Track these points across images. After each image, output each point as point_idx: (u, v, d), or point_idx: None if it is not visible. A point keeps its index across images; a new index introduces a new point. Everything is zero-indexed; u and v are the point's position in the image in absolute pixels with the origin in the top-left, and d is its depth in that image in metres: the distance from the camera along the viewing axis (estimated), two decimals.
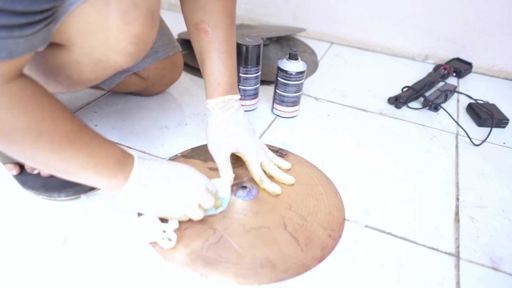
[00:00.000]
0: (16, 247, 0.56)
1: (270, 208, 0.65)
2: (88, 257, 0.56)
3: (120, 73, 0.81)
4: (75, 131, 0.50)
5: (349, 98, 1.03)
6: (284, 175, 0.70)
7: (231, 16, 0.67)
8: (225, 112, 0.68)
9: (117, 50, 0.53)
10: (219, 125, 0.69)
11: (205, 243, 0.58)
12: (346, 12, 1.32)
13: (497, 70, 1.24)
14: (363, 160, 0.80)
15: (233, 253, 0.57)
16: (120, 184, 0.54)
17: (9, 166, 0.67)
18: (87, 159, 0.51)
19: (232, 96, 0.68)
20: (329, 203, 0.68)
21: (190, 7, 0.67)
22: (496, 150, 0.87)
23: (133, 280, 0.53)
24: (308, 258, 0.58)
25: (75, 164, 0.50)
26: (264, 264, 0.56)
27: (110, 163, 0.53)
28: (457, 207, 0.70)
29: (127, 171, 0.54)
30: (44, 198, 0.64)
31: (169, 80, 0.92)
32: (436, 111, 1.00)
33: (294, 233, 0.61)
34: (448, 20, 1.22)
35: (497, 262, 0.60)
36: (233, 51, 0.69)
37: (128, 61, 0.55)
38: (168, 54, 0.85)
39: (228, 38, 0.67)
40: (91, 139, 0.52)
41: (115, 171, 0.53)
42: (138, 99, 0.94)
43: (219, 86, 0.68)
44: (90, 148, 0.51)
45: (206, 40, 0.67)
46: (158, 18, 0.55)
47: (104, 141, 0.54)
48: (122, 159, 0.54)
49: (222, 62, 0.67)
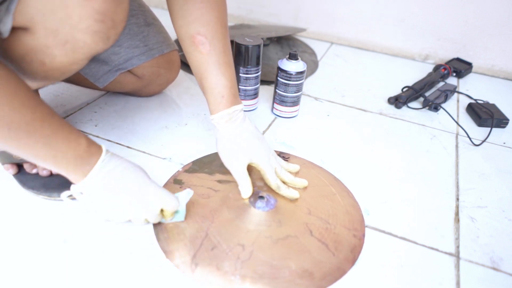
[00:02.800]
0: (16, 247, 0.56)
1: (291, 215, 0.64)
2: (88, 257, 0.56)
3: (114, 70, 0.80)
4: (37, 120, 0.49)
5: (349, 98, 1.03)
6: (296, 179, 0.70)
7: (225, 26, 0.67)
8: (231, 124, 0.67)
9: (82, 29, 0.51)
10: (228, 139, 0.67)
11: (237, 262, 0.56)
12: (346, 12, 1.32)
13: (497, 70, 1.24)
14: (363, 160, 0.80)
15: (267, 267, 0.55)
16: (78, 179, 0.53)
17: (6, 166, 0.67)
18: (45, 151, 0.50)
19: (236, 106, 0.67)
20: (344, 202, 0.68)
21: (182, 20, 0.65)
22: (496, 150, 0.87)
23: (133, 281, 0.53)
24: (342, 262, 0.57)
25: (32, 153, 0.50)
26: (301, 274, 0.55)
27: (70, 157, 0.52)
28: (457, 207, 0.70)
29: (87, 167, 0.53)
30: (44, 198, 0.64)
31: (166, 79, 0.91)
32: (436, 111, 1.00)
33: (321, 238, 0.61)
34: (448, 20, 1.22)
35: (497, 262, 0.60)
36: (231, 60, 0.68)
37: (97, 41, 0.53)
38: (163, 51, 0.85)
39: (226, 48, 0.66)
40: (54, 131, 0.51)
41: (74, 166, 0.53)
42: (138, 99, 0.94)
43: (223, 98, 0.66)
44: (49, 139, 0.51)
45: (204, 52, 0.65)
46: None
47: (70, 134, 0.53)
48: (84, 154, 0.53)
49: (222, 74, 0.66)
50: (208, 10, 0.64)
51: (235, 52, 0.86)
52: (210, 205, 0.64)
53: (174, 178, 0.70)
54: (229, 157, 0.68)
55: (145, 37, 0.81)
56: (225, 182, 0.69)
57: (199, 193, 0.67)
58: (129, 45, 0.79)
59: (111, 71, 0.80)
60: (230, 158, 0.67)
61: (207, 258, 0.56)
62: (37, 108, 0.50)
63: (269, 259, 0.57)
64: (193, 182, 0.69)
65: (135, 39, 0.80)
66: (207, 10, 0.64)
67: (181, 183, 0.69)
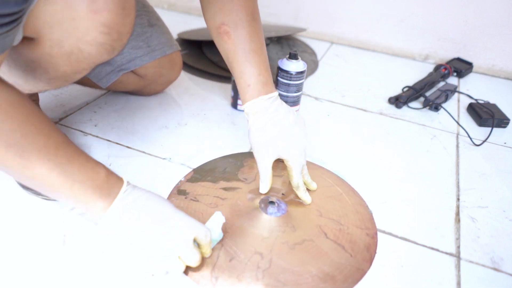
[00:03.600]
0: (16, 247, 0.56)
1: (303, 219, 0.63)
2: (88, 257, 0.56)
3: (117, 71, 0.80)
4: (50, 147, 0.47)
5: (349, 98, 1.03)
6: (311, 182, 0.69)
7: (252, 12, 0.64)
8: (262, 115, 0.63)
9: (87, 41, 0.50)
10: (258, 130, 0.64)
11: (258, 271, 0.54)
12: (346, 12, 1.32)
13: (498, 70, 1.24)
14: (363, 160, 0.80)
15: (290, 274, 0.54)
16: (99, 212, 0.49)
17: None
18: (60, 180, 0.47)
19: (265, 96, 0.63)
20: (352, 201, 0.68)
21: (209, 12, 0.65)
22: (497, 150, 0.87)
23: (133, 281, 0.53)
24: (360, 262, 0.57)
25: (47, 184, 0.47)
26: (323, 278, 0.54)
27: (88, 187, 0.48)
28: (458, 207, 0.70)
29: (108, 199, 0.49)
30: (44, 198, 0.64)
31: (167, 79, 0.92)
32: (436, 111, 0.99)
33: (337, 239, 0.60)
34: (449, 20, 1.22)
35: (497, 262, 0.60)
36: (259, 48, 0.65)
37: (102, 53, 0.53)
38: (165, 52, 0.85)
39: (252, 35, 0.64)
40: (69, 159, 0.48)
41: (93, 197, 0.49)
42: (138, 98, 0.94)
43: (249, 87, 0.63)
44: (65, 168, 0.47)
45: (229, 42, 0.64)
46: (131, 7, 0.53)
47: (87, 162, 0.50)
48: (105, 184, 0.49)
49: (248, 61, 0.63)
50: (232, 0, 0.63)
51: None
52: None
53: (178, 189, 0.68)
54: (258, 151, 0.64)
55: (148, 38, 0.81)
56: (231, 190, 0.68)
57: (206, 202, 0.65)
58: (132, 46, 0.79)
59: (114, 72, 0.80)
60: (259, 151, 0.64)
61: (226, 270, 0.54)
62: (52, 134, 0.48)
63: (290, 265, 0.55)
64: (197, 191, 0.67)
65: (138, 40, 0.80)
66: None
67: (185, 194, 0.66)
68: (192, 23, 1.42)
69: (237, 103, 0.92)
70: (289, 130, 0.64)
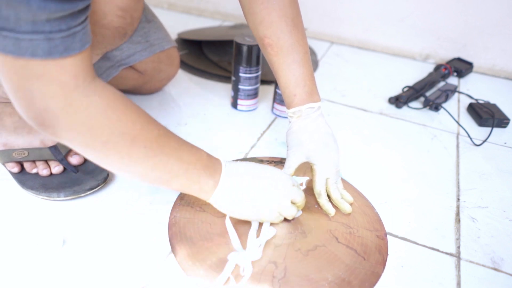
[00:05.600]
0: (15, 248, 0.56)
1: (313, 224, 0.62)
2: (88, 257, 0.55)
3: (117, 66, 0.80)
4: (162, 135, 0.49)
5: (349, 98, 1.03)
6: (343, 201, 0.65)
7: (292, 21, 0.65)
8: (302, 120, 0.66)
9: (103, 24, 0.51)
10: (295, 132, 0.66)
11: (274, 281, 0.53)
12: (346, 12, 1.32)
13: (498, 69, 1.24)
14: (363, 160, 0.80)
15: (306, 282, 0.53)
16: (211, 189, 0.53)
17: (10, 164, 0.67)
18: (178, 165, 0.50)
19: (309, 105, 0.65)
20: (358, 203, 0.67)
21: (252, 22, 0.66)
22: (497, 150, 0.87)
23: (133, 281, 0.53)
24: (374, 265, 0.57)
25: (167, 170, 0.49)
26: (339, 284, 0.53)
27: (200, 168, 0.52)
28: (458, 207, 0.70)
29: (216, 176, 0.53)
30: (43, 198, 0.64)
31: (166, 74, 0.92)
32: (436, 111, 0.99)
33: (348, 243, 0.59)
34: (449, 20, 1.22)
35: (498, 263, 0.60)
36: (303, 58, 0.66)
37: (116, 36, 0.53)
38: (164, 47, 0.86)
39: (295, 46, 0.65)
40: (179, 144, 0.51)
41: (205, 177, 0.52)
42: (138, 98, 0.94)
43: (295, 97, 0.65)
44: (179, 153, 0.50)
45: (272, 54, 0.65)
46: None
47: (191, 146, 0.53)
48: (209, 163, 0.53)
49: (292, 73, 0.65)
50: (270, 11, 0.63)
51: (234, 51, 0.86)
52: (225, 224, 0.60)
53: (181, 198, 0.66)
54: (290, 149, 0.67)
55: (146, 33, 0.82)
56: None
57: (213, 212, 0.62)
58: (131, 41, 0.79)
59: (114, 67, 0.81)
60: (291, 149, 0.66)
61: (241, 281, 0.53)
62: (158, 124, 0.50)
63: (305, 273, 0.54)
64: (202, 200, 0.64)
65: (137, 35, 0.80)
66: (269, 10, 0.63)
67: (190, 204, 0.64)
68: (192, 23, 1.42)
69: (237, 103, 0.92)
70: (324, 138, 0.66)
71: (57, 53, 0.40)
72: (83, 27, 0.42)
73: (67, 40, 0.40)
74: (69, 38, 0.40)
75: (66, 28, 0.40)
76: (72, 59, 0.41)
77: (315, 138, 0.65)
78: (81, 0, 0.40)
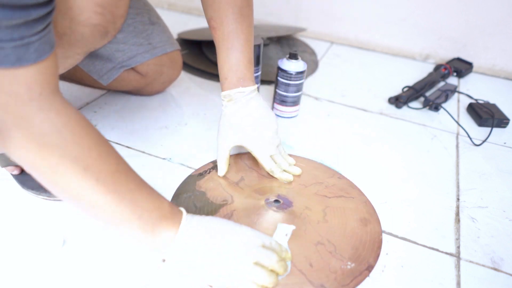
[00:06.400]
0: (15, 248, 0.56)
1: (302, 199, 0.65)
2: (88, 257, 0.56)
3: (118, 67, 0.80)
4: (120, 172, 0.45)
5: (349, 98, 1.03)
6: (291, 167, 0.71)
7: (240, 10, 0.67)
8: (233, 105, 0.68)
9: (80, 22, 0.49)
10: (225, 117, 0.69)
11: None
12: (346, 12, 1.32)
13: (498, 70, 1.24)
14: (363, 160, 0.80)
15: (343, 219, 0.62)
16: (165, 243, 0.47)
17: (9, 168, 0.67)
18: (131, 209, 0.45)
19: (239, 89, 0.67)
20: (303, 164, 0.74)
21: (203, 4, 0.68)
22: (497, 150, 0.87)
23: (133, 281, 0.53)
24: (361, 195, 0.68)
25: (117, 213, 0.44)
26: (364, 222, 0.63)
27: (155, 217, 0.46)
28: (458, 207, 0.70)
29: (173, 229, 0.47)
30: (43, 198, 0.64)
31: (168, 77, 0.92)
32: (436, 111, 0.99)
33: (335, 194, 0.66)
34: (449, 20, 1.22)
35: (497, 263, 0.60)
36: (243, 44, 0.67)
37: (95, 35, 0.51)
38: (166, 50, 0.85)
39: (236, 33, 0.67)
40: (138, 186, 0.46)
41: (159, 228, 0.46)
42: (138, 98, 0.94)
43: (226, 80, 0.68)
44: (135, 196, 0.45)
45: (215, 36, 0.68)
46: None
47: (152, 191, 0.48)
48: (169, 215, 0.48)
49: (228, 56, 0.67)
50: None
51: None
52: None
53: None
54: (220, 134, 0.69)
55: (149, 36, 0.82)
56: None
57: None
58: (134, 43, 0.79)
59: (115, 68, 0.80)
60: (221, 135, 0.69)
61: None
62: (120, 159, 0.46)
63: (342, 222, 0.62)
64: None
65: (140, 37, 0.80)
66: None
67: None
68: (192, 23, 1.42)
69: None
70: (256, 121, 0.68)
71: (8, 63, 0.37)
72: (41, 37, 0.39)
73: (19, 50, 0.37)
74: (22, 48, 0.37)
75: (19, 37, 0.37)
76: (26, 70, 0.39)
77: (245, 123, 0.68)
78: (34, 9, 0.37)
